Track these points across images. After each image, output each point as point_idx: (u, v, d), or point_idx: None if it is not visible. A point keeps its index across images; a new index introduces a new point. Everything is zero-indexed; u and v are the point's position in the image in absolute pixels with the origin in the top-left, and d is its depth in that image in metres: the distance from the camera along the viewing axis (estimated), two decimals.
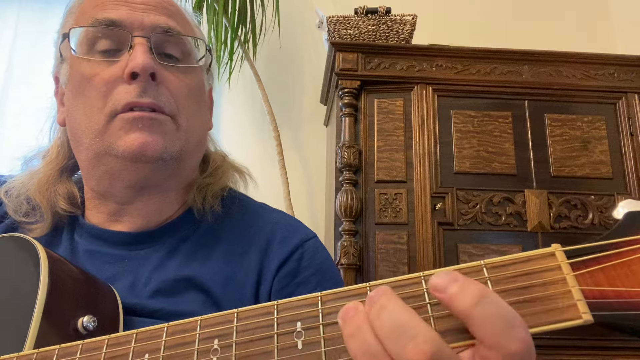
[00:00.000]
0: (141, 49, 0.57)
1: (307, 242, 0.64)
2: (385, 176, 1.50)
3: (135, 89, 0.56)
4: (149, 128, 0.56)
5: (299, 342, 0.32)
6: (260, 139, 2.03)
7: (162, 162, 0.58)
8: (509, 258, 0.31)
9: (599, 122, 1.55)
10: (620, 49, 2.08)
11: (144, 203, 0.62)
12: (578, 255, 0.30)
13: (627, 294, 0.28)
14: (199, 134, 0.65)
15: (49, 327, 0.45)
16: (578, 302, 0.28)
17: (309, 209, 1.96)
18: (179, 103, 0.60)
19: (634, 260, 0.29)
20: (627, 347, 1.35)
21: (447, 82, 1.57)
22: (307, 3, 2.14)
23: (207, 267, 0.60)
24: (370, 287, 0.33)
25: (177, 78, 0.61)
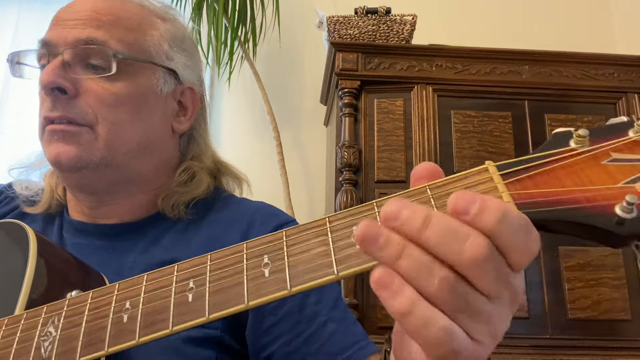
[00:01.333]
0: (51, 65, 0.61)
1: (286, 224, 0.67)
2: (385, 176, 1.50)
3: (48, 104, 0.61)
4: (63, 140, 0.61)
5: (266, 271, 0.35)
6: (260, 139, 2.03)
7: (85, 170, 0.62)
8: (448, 178, 0.35)
9: (599, 122, 1.55)
10: (620, 49, 2.08)
11: (111, 207, 0.67)
12: (509, 168, 0.35)
13: (553, 194, 0.33)
14: (138, 140, 0.65)
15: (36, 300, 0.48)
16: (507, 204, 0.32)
17: (309, 209, 1.96)
18: (98, 113, 0.62)
19: (558, 167, 0.34)
20: (627, 347, 1.35)
21: (447, 82, 1.57)
22: (307, 3, 2.14)
23: (190, 250, 0.64)
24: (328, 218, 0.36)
25: (101, 88, 0.62)
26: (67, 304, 0.41)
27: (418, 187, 0.35)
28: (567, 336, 1.35)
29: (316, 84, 2.02)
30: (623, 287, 1.40)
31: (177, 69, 0.70)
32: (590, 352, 1.34)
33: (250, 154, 2.01)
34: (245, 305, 0.34)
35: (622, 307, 1.39)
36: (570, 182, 0.33)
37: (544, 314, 1.37)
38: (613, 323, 1.38)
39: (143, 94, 0.66)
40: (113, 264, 0.62)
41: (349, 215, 0.36)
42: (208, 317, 0.35)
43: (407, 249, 0.31)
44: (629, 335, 1.37)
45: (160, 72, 0.68)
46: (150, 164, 0.68)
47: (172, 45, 0.70)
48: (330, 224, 0.36)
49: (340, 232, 0.35)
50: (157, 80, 0.67)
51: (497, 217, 0.30)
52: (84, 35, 0.62)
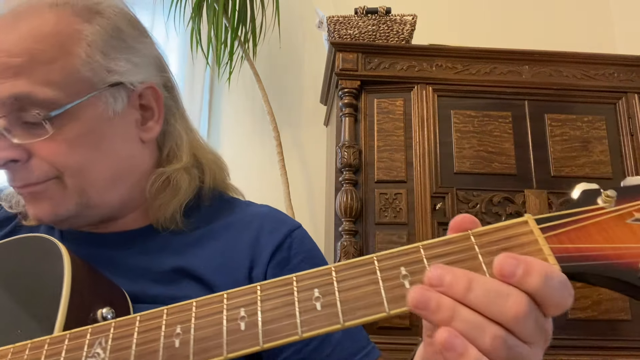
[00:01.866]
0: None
1: (294, 231, 0.67)
2: (385, 176, 1.50)
3: (8, 176, 0.59)
4: (34, 200, 0.59)
5: (318, 304, 0.36)
6: (260, 139, 2.03)
7: (69, 219, 0.61)
8: (491, 227, 0.38)
9: (599, 122, 1.55)
10: (620, 49, 2.08)
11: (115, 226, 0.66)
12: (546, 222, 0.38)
13: (586, 250, 0.36)
14: (108, 173, 0.61)
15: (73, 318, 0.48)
16: (548, 257, 0.35)
17: (309, 209, 1.96)
18: (58, 166, 0.57)
19: (589, 225, 0.37)
20: (627, 347, 1.35)
21: (447, 82, 1.57)
22: (307, 3, 2.14)
23: (200, 257, 0.63)
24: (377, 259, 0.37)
25: (48, 142, 0.55)
26: (114, 325, 0.41)
27: (461, 233, 0.38)
28: (567, 336, 1.35)
29: (316, 84, 2.02)
30: None
31: (122, 79, 0.59)
32: (590, 352, 1.34)
33: (250, 154, 2.02)
34: (299, 336, 0.36)
35: (622, 307, 1.39)
36: (600, 239, 0.36)
37: None
38: (613, 323, 1.38)
39: (95, 128, 0.58)
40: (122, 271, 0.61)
41: (395, 256, 0.38)
42: (262, 346, 0.36)
43: (457, 312, 0.33)
44: (629, 335, 1.37)
45: (106, 94, 0.58)
46: (129, 187, 0.64)
47: (108, 52, 0.58)
48: (379, 263, 0.37)
49: (389, 272, 0.37)
50: (105, 105, 0.58)
51: (541, 280, 0.33)
52: (5, 93, 0.53)
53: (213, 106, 2.09)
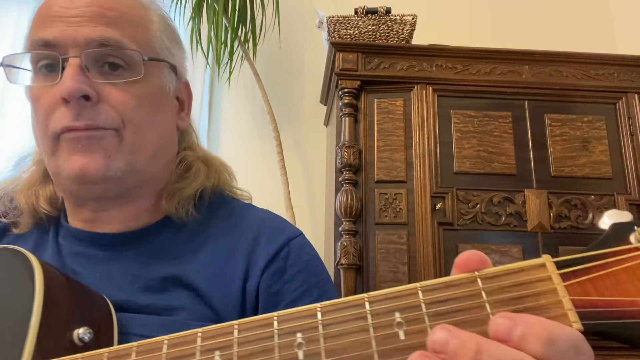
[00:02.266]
0: (70, 71, 0.56)
1: (293, 240, 0.65)
2: (385, 176, 1.50)
3: (70, 113, 0.56)
4: (88, 147, 0.56)
5: (300, 352, 0.33)
6: (260, 139, 2.03)
7: (111, 179, 0.58)
8: (502, 269, 0.33)
9: (599, 122, 1.55)
10: (620, 49, 2.08)
11: (118, 210, 0.63)
12: (567, 266, 0.32)
13: (615, 304, 0.30)
14: (157, 142, 0.63)
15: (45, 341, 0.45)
16: (568, 312, 0.30)
17: (309, 209, 1.96)
18: (124, 117, 0.58)
19: (620, 270, 0.31)
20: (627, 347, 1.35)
21: (447, 82, 1.57)
22: (307, 3, 2.14)
23: (194, 265, 0.61)
24: (368, 298, 0.33)
25: (122, 91, 0.58)
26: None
27: (467, 275, 0.33)
28: None
29: (316, 84, 2.02)
30: None
31: (177, 64, 0.66)
32: None
33: (250, 154, 2.02)
34: None
35: None
36: (634, 290, 0.30)
37: None
38: None
39: (157, 95, 0.63)
40: (113, 276, 0.59)
41: (390, 299, 0.33)
42: None
43: None
44: None
45: (166, 70, 0.64)
46: (161, 165, 0.65)
47: (170, 39, 0.66)
48: (370, 306, 0.33)
49: (382, 318, 0.33)
50: (165, 78, 0.64)
51: (541, 345, 0.29)
52: (96, 34, 0.57)
53: (213, 106, 2.09)
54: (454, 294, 0.32)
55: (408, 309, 0.32)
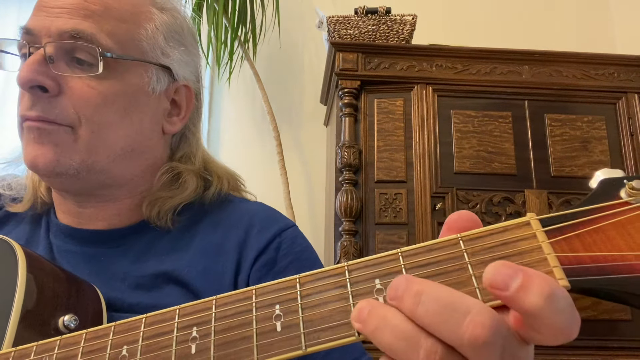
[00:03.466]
0: (30, 59, 0.55)
1: (285, 231, 0.63)
2: (385, 176, 1.50)
3: (26, 102, 0.56)
4: (39, 139, 0.56)
5: (278, 324, 0.32)
6: (260, 139, 2.03)
7: (65, 175, 0.57)
8: (485, 229, 0.31)
9: (599, 122, 1.55)
10: (620, 49, 2.08)
11: (97, 209, 0.62)
12: (553, 223, 0.30)
13: (604, 259, 0.28)
14: (123, 143, 0.60)
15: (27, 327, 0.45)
16: (554, 269, 0.28)
17: (309, 209, 1.96)
18: (82, 113, 0.56)
19: (608, 225, 0.29)
20: (627, 347, 1.35)
21: (447, 82, 1.57)
22: (307, 3, 2.14)
23: (185, 261, 0.60)
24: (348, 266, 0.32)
25: (86, 86, 0.56)
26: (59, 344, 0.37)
27: (449, 237, 0.31)
28: None
29: (316, 84, 2.02)
30: None
31: (171, 66, 0.64)
32: (590, 352, 1.34)
33: (250, 154, 2.02)
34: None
35: (622, 307, 1.39)
36: (623, 244, 0.28)
37: None
38: (613, 323, 1.38)
39: (133, 94, 0.60)
40: (103, 274, 0.58)
41: (370, 266, 0.32)
42: None
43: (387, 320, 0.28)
44: (629, 335, 1.37)
45: (153, 70, 0.62)
46: (136, 168, 0.63)
47: (169, 39, 0.63)
48: (350, 274, 0.32)
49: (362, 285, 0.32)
50: (149, 79, 0.61)
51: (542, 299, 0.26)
52: (68, 26, 0.55)
53: (213, 106, 2.09)
54: (436, 257, 0.31)
55: (388, 275, 0.31)
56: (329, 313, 0.31)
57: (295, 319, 0.32)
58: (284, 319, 0.32)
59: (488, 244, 0.31)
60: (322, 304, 0.32)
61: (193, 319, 0.34)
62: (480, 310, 0.26)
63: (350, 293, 0.31)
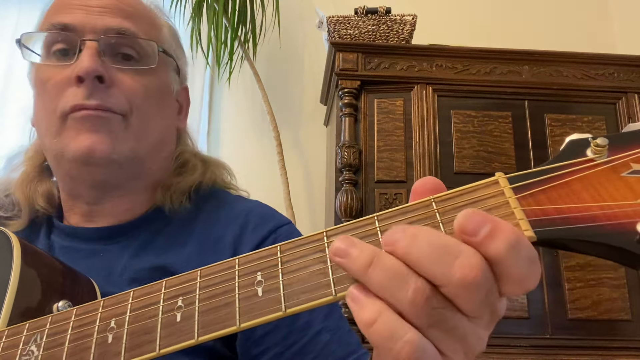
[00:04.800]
0: (88, 52, 0.58)
1: (280, 227, 0.64)
2: (385, 176, 1.50)
3: (82, 92, 0.58)
4: (95, 127, 0.57)
5: (259, 289, 0.33)
6: (260, 139, 2.03)
7: (115, 164, 0.59)
8: (456, 191, 0.33)
9: (599, 122, 1.55)
10: (620, 49, 2.08)
11: (113, 203, 0.64)
12: (521, 181, 0.32)
13: (568, 210, 0.30)
14: (158, 135, 0.65)
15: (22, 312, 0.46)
16: (520, 221, 0.30)
17: (309, 209, 1.96)
18: (132, 103, 0.60)
19: (574, 180, 0.31)
20: (627, 347, 1.35)
21: (447, 82, 1.57)
22: (307, 3, 2.14)
23: (182, 256, 0.61)
24: (326, 232, 0.34)
25: (132, 79, 0.61)
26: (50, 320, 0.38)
27: (422, 200, 0.33)
28: (567, 336, 1.35)
29: (316, 84, 2.02)
30: (623, 287, 1.40)
31: (181, 68, 0.70)
32: (590, 352, 1.34)
33: (250, 154, 2.02)
34: (237, 327, 0.32)
35: (622, 307, 1.39)
36: (588, 197, 0.30)
37: (544, 314, 1.37)
38: (613, 323, 1.38)
39: (164, 90, 0.66)
40: (102, 269, 0.59)
41: (348, 230, 0.33)
42: (197, 340, 0.33)
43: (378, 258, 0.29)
44: (629, 335, 1.37)
45: (173, 71, 0.68)
46: (160, 160, 0.67)
47: (177, 45, 0.70)
48: (328, 239, 0.33)
49: None
50: (171, 78, 0.68)
51: (506, 246, 0.28)
52: (114, 24, 0.60)
53: (213, 106, 2.09)
54: (410, 219, 0.32)
55: (366, 237, 0.32)
56: (307, 276, 0.32)
57: (276, 284, 0.33)
58: (265, 284, 0.33)
59: (458, 203, 0.32)
60: (301, 269, 0.33)
61: (179, 289, 0.36)
62: (471, 254, 0.28)
63: (328, 257, 0.32)
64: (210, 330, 0.33)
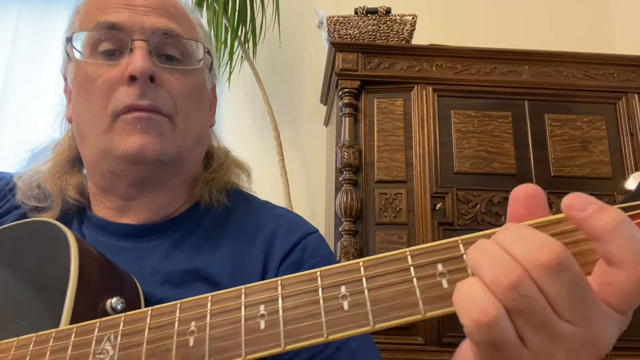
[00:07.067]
0: (140, 52, 0.59)
1: (310, 235, 0.66)
2: (385, 176, 1.50)
3: (134, 92, 0.58)
4: (146, 129, 0.59)
5: (345, 303, 0.33)
6: (260, 139, 2.03)
7: (161, 163, 0.60)
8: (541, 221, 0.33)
9: (599, 122, 1.55)
10: (620, 49, 2.08)
11: (148, 199, 0.64)
12: None
13: None
14: (197, 132, 0.66)
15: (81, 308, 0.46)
16: None
17: (309, 209, 1.96)
18: (177, 104, 0.62)
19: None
20: (628, 347, 1.35)
21: (447, 82, 1.57)
22: (307, 3, 2.14)
23: (214, 259, 0.62)
24: (411, 255, 0.34)
25: (176, 79, 0.62)
26: (124, 320, 0.38)
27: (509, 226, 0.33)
28: None
29: (316, 84, 2.02)
30: None
31: (214, 66, 0.72)
32: None
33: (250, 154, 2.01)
34: (324, 338, 0.33)
35: None
36: None
37: None
38: None
39: (201, 89, 0.67)
40: (132, 266, 0.59)
41: (432, 252, 0.34)
42: (284, 348, 0.33)
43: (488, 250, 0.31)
44: (629, 335, 1.37)
45: (207, 69, 0.69)
46: (198, 156, 0.69)
47: (210, 44, 0.71)
48: (413, 260, 0.34)
49: (424, 270, 0.33)
50: (207, 77, 0.70)
51: (615, 222, 0.28)
52: (161, 24, 0.62)
53: None
54: None
55: (450, 260, 0.33)
56: (395, 293, 0.33)
57: (362, 299, 0.33)
58: (351, 298, 0.33)
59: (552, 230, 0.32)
60: (387, 286, 0.33)
61: (260, 298, 0.36)
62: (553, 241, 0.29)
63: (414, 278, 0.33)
64: (297, 340, 0.33)
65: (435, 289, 0.32)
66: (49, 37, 2.03)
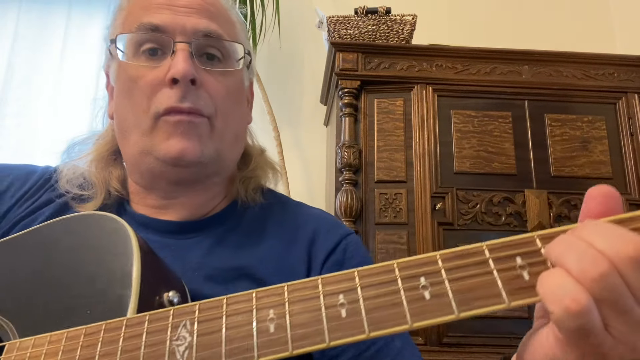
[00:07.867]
0: (182, 55, 0.59)
1: (349, 235, 0.68)
2: (385, 176, 1.50)
3: (176, 94, 0.59)
4: (187, 133, 0.59)
5: (426, 293, 0.34)
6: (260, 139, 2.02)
7: (201, 165, 0.61)
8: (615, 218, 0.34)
9: (599, 122, 1.55)
10: (620, 49, 2.08)
11: (188, 197, 0.65)
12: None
13: None
14: (236, 132, 0.67)
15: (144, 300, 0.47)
16: None
17: None
18: (216, 105, 0.62)
19: None
20: None
21: (447, 82, 1.57)
22: (307, 3, 2.14)
23: (257, 256, 0.63)
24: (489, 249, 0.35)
25: (216, 80, 0.63)
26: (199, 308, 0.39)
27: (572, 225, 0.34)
28: None
29: (316, 84, 2.02)
30: None
31: (252, 63, 0.72)
32: None
33: None
34: (409, 325, 0.33)
35: None
36: None
37: None
38: None
39: (240, 88, 0.68)
40: (174, 263, 0.59)
41: (509, 246, 0.35)
42: (368, 335, 0.34)
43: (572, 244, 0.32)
44: None
45: (245, 67, 0.69)
46: (236, 155, 0.69)
47: (247, 40, 0.70)
48: (491, 253, 0.34)
49: (504, 262, 0.34)
50: (245, 75, 0.70)
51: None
52: (202, 25, 0.62)
53: None
54: None
55: (529, 254, 0.34)
56: (476, 284, 0.33)
57: (443, 289, 0.34)
58: (432, 289, 0.34)
59: None
60: (467, 277, 0.34)
61: (338, 288, 0.36)
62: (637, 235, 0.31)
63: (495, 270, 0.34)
64: (381, 327, 0.34)
65: (517, 280, 0.33)
66: (49, 37, 2.03)
